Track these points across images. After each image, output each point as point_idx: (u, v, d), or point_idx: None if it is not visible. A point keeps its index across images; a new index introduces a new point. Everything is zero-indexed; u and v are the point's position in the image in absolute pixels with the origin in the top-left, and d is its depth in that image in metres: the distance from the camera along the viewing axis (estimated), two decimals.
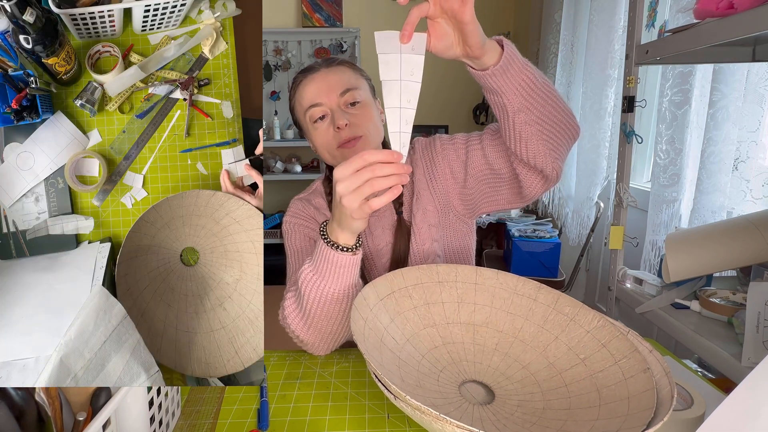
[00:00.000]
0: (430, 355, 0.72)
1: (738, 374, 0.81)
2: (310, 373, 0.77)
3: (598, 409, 0.60)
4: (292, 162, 3.46)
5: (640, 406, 0.55)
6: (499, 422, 0.62)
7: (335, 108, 0.86)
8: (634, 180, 2.14)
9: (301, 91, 0.90)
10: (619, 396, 0.59)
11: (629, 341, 0.64)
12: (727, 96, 1.29)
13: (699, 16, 0.90)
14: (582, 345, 0.69)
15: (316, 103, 0.87)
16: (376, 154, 0.60)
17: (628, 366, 0.62)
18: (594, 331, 0.69)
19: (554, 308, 0.75)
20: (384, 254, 0.96)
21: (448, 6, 0.59)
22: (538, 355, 0.72)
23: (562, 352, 0.71)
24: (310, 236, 0.96)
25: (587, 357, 0.68)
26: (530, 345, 0.74)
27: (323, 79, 0.88)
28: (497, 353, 0.75)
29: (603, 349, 0.67)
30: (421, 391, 0.65)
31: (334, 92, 0.86)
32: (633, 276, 1.25)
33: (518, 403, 0.66)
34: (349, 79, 0.88)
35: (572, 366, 0.68)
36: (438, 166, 0.94)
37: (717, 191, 1.35)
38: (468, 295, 0.80)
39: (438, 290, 0.79)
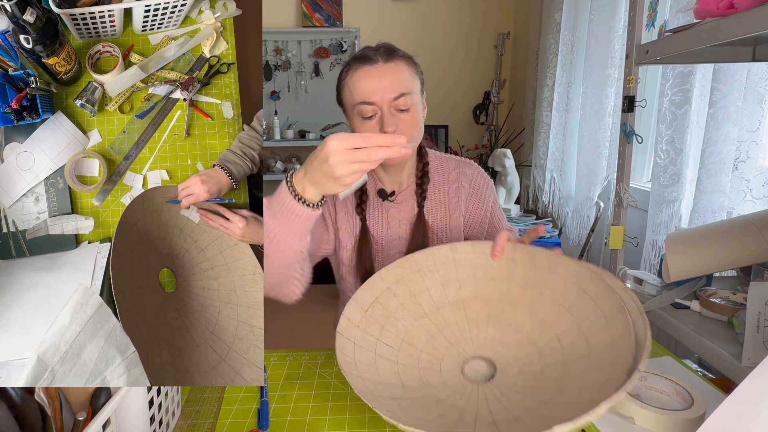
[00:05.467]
0: (429, 346, 0.73)
1: (738, 374, 0.81)
2: (310, 373, 0.77)
3: (588, 359, 0.61)
4: (292, 162, 3.46)
5: (622, 351, 0.56)
6: (504, 396, 0.63)
7: (386, 111, 0.85)
8: (634, 180, 2.13)
9: (355, 81, 0.86)
10: (603, 341, 0.61)
11: (605, 282, 0.65)
12: (727, 96, 1.28)
13: (699, 16, 0.90)
14: (565, 294, 0.70)
15: (369, 101, 0.85)
16: (378, 138, 0.60)
17: (607, 308, 0.63)
18: (572, 278, 0.70)
19: (532, 264, 0.75)
20: (394, 246, 0.98)
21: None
22: (528, 314, 0.73)
23: (549, 305, 0.71)
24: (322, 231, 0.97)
25: (571, 305, 0.68)
26: (519, 306, 0.74)
27: (381, 76, 0.84)
28: (491, 322, 0.75)
29: (584, 295, 0.68)
30: (425, 391, 0.65)
31: (389, 94, 0.84)
32: (633, 276, 1.25)
33: (519, 369, 0.67)
34: (405, 81, 0.86)
35: (560, 318, 0.69)
36: (468, 200, 1.02)
37: (717, 191, 1.35)
38: (450, 273, 0.80)
39: (420, 279, 0.79)
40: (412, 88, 0.87)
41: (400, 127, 0.86)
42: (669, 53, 1.04)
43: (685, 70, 1.45)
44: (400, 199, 0.99)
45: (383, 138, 0.60)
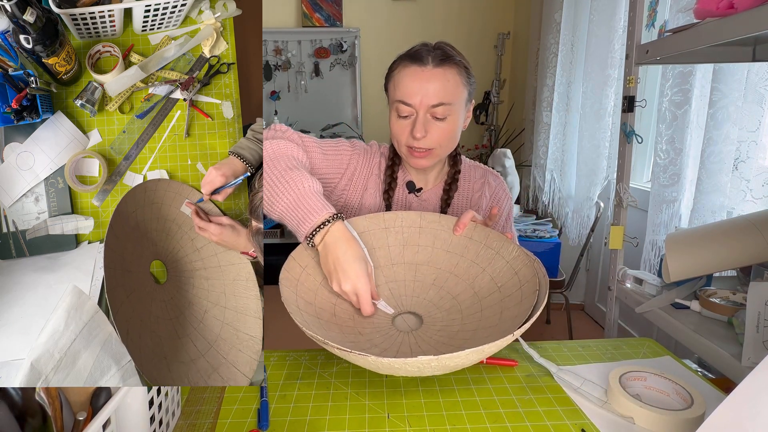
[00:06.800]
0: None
1: (738, 374, 0.81)
2: (310, 373, 0.77)
3: (496, 327, 0.70)
4: None
5: (516, 322, 0.67)
6: (416, 345, 0.72)
7: (421, 116, 0.85)
8: (634, 180, 2.14)
9: (401, 78, 0.86)
10: (512, 316, 0.70)
11: (534, 268, 0.74)
12: (727, 96, 1.29)
13: (699, 16, 0.90)
14: (501, 274, 0.78)
15: (407, 102, 0.85)
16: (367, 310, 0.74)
17: (527, 289, 0.72)
18: (512, 261, 0.78)
19: (485, 244, 0.83)
20: None
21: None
22: (467, 286, 0.81)
23: (486, 282, 0.80)
24: (338, 167, 0.96)
25: (503, 284, 0.77)
26: (462, 278, 0.82)
27: (426, 80, 0.83)
28: (434, 287, 0.83)
29: (515, 277, 0.76)
30: (351, 323, 0.75)
31: (428, 100, 0.84)
32: (633, 276, 1.25)
33: (440, 327, 0.76)
34: (449, 90, 0.84)
35: (491, 293, 0.77)
36: (486, 209, 1.03)
37: (717, 191, 1.35)
38: (412, 238, 0.87)
39: (384, 236, 0.87)
40: (455, 98, 0.85)
41: (433, 134, 0.86)
42: (669, 53, 1.05)
43: (685, 70, 1.45)
44: (425, 197, 1.00)
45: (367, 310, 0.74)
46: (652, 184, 1.61)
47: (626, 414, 0.64)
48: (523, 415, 0.65)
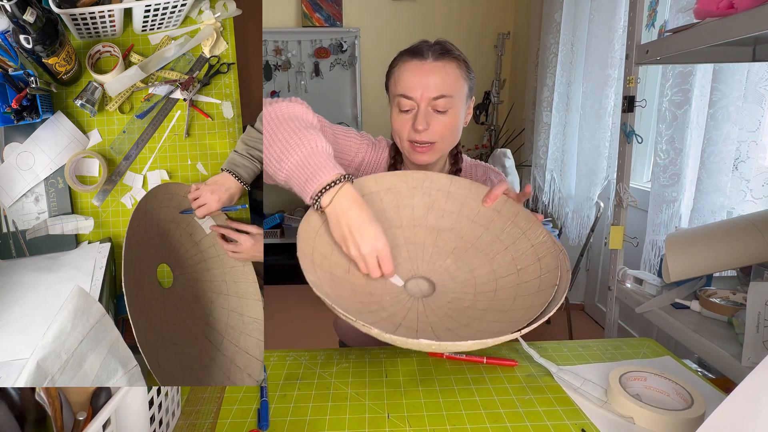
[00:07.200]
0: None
1: (738, 374, 0.81)
2: (310, 373, 0.77)
3: (507, 313, 0.68)
4: None
5: (527, 314, 0.64)
6: (424, 314, 0.70)
7: (422, 109, 0.85)
8: (634, 180, 2.13)
9: (402, 73, 0.86)
10: (523, 306, 0.67)
11: (558, 259, 0.71)
12: (727, 96, 1.29)
13: (699, 16, 0.90)
14: (524, 257, 0.75)
15: (408, 95, 0.85)
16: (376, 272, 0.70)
17: (547, 281, 0.69)
18: (537, 246, 0.75)
19: (513, 221, 0.79)
20: None
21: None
22: (485, 261, 0.78)
23: (506, 261, 0.76)
24: (347, 154, 0.94)
25: (523, 268, 0.74)
26: (483, 252, 0.79)
27: (426, 73, 0.84)
28: (452, 256, 0.80)
29: (537, 263, 0.73)
30: (362, 280, 0.71)
31: (429, 93, 0.84)
32: (633, 276, 1.25)
33: (451, 299, 0.74)
34: (449, 83, 0.85)
35: (508, 274, 0.75)
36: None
37: (717, 191, 1.35)
38: (439, 202, 0.84)
39: (410, 195, 0.84)
40: (456, 91, 0.85)
41: (434, 127, 0.86)
42: (669, 53, 1.04)
43: (685, 70, 1.45)
44: None
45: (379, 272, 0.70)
46: (652, 184, 1.61)
47: (626, 414, 0.64)
48: (523, 415, 0.65)
